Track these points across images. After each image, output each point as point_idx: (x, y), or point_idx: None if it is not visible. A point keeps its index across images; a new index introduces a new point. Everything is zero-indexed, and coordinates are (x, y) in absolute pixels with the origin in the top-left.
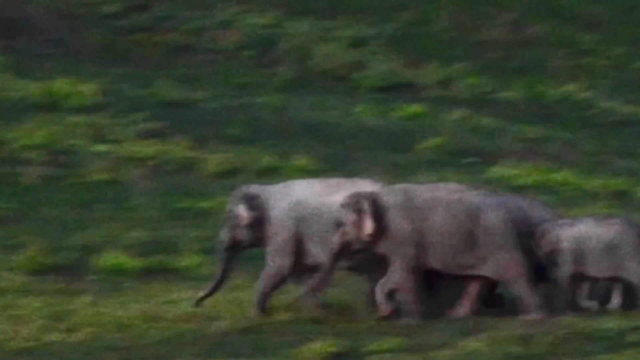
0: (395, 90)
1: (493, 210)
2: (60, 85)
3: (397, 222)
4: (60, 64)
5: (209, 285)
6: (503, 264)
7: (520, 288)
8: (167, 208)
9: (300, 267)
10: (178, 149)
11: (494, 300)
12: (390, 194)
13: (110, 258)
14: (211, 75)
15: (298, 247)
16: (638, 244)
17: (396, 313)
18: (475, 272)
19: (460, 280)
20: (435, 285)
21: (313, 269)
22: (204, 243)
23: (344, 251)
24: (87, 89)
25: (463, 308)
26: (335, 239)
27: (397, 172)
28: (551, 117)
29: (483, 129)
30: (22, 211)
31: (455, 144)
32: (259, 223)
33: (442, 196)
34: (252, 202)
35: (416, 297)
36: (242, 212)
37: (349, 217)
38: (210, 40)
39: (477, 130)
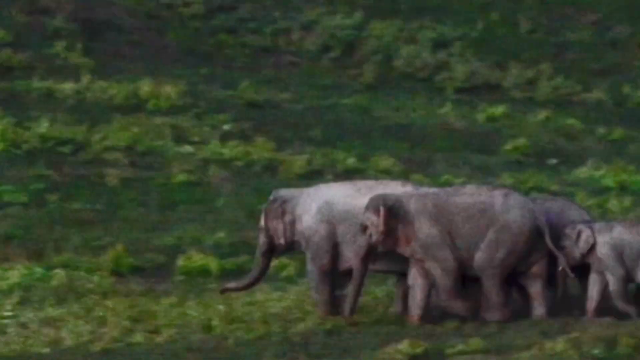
0: (478, 91)
1: (512, 211)
2: (144, 86)
3: (426, 227)
4: (144, 66)
5: (243, 280)
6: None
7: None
8: (251, 209)
9: (336, 271)
10: (261, 150)
11: None
12: (417, 199)
13: (194, 259)
14: (295, 77)
15: (333, 248)
16: None
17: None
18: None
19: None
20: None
21: (348, 272)
22: None
23: (371, 253)
24: (171, 91)
25: (541, 308)
26: (362, 242)
27: (480, 174)
28: (635, 118)
29: (566, 130)
30: (106, 213)
31: (539, 145)
32: (292, 227)
33: (464, 200)
34: (285, 207)
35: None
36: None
37: (371, 219)
38: (294, 41)
39: (561, 131)
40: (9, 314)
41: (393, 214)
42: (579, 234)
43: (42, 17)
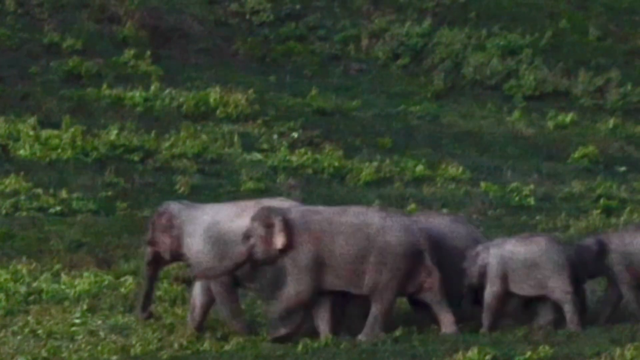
0: (547, 98)
1: (388, 232)
2: (213, 94)
3: (304, 245)
4: (213, 73)
5: (140, 297)
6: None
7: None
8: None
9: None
10: (330, 158)
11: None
12: (303, 214)
13: None
14: (363, 85)
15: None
16: (562, 262)
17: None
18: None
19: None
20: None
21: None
22: None
23: (248, 262)
24: (240, 98)
25: (450, 326)
26: (242, 250)
27: (549, 181)
28: None
29: (636, 138)
30: None
31: (608, 152)
32: (179, 241)
33: (347, 220)
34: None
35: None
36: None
37: (258, 230)
38: (362, 49)
39: (630, 139)
40: (78, 321)
41: (276, 228)
42: (476, 255)
43: (112, 25)
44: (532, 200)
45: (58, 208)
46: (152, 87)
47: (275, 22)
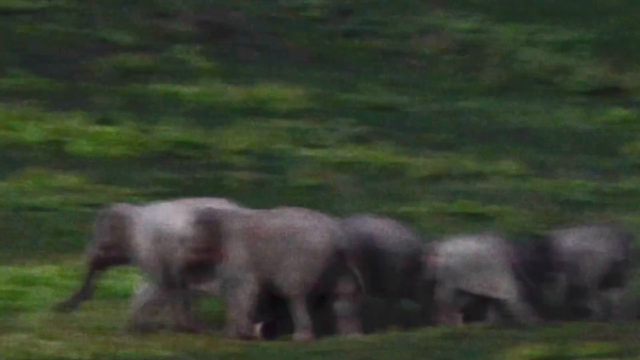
0: (600, 94)
1: (313, 233)
2: (265, 90)
3: (237, 248)
4: (265, 69)
5: (74, 293)
6: (291, 281)
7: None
8: (372, 213)
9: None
10: (383, 153)
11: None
12: (235, 218)
13: None
14: (415, 80)
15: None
16: (508, 262)
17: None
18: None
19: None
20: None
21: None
22: None
23: (188, 266)
24: (292, 94)
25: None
26: (181, 254)
27: (601, 177)
28: None
29: None
30: None
31: None
32: (123, 242)
33: (274, 222)
34: (117, 222)
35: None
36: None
37: (194, 233)
38: (415, 44)
39: None
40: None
41: (211, 229)
42: (431, 251)
43: (164, 21)
44: (583, 196)
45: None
46: (205, 83)
47: (328, 18)
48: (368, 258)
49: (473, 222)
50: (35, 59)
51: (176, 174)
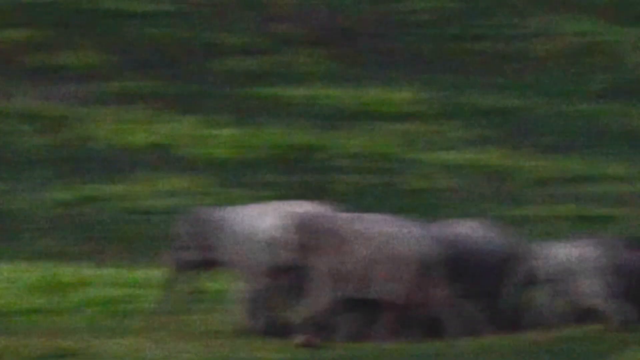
0: None
1: (404, 240)
2: (377, 93)
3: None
4: (376, 72)
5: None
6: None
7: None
8: (483, 216)
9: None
10: (493, 156)
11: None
12: (325, 219)
13: None
14: (527, 83)
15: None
16: (606, 266)
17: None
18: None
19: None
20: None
21: None
22: None
23: (280, 269)
24: (403, 98)
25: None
26: (269, 257)
27: None
28: None
29: None
30: None
31: None
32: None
33: (362, 227)
34: (201, 226)
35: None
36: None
37: (283, 235)
38: (526, 48)
39: None
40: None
41: (306, 232)
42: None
43: (274, 24)
44: None
45: None
46: (316, 86)
47: (439, 22)
48: (459, 262)
49: (583, 225)
50: (145, 62)
51: (286, 176)
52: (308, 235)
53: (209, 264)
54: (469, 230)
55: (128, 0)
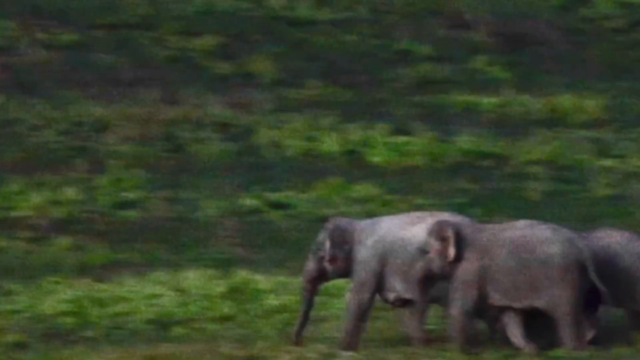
0: None
1: (551, 245)
2: (565, 100)
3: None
4: (565, 79)
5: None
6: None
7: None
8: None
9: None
10: None
11: None
12: (470, 229)
13: None
14: None
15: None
16: None
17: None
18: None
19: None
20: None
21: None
22: None
23: (429, 279)
24: (592, 104)
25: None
26: (420, 267)
27: None
28: None
29: None
30: None
31: None
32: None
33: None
34: (339, 236)
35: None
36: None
37: (433, 244)
38: None
39: None
40: None
41: (460, 240)
42: None
43: (465, 32)
44: None
45: None
46: (504, 94)
47: (629, 28)
48: (606, 270)
49: None
50: (334, 70)
51: (474, 184)
52: (460, 245)
53: (343, 275)
54: (620, 239)
55: (318, 8)
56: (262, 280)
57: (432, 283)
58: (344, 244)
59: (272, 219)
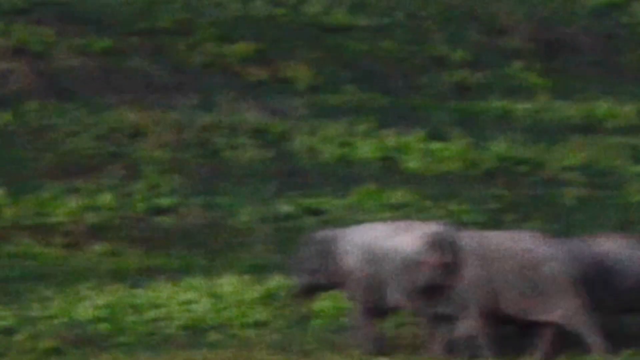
0: None
1: (555, 260)
2: (601, 106)
3: (472, 268)
4: (601, 85)
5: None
6: (569, 311)
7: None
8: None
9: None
10: None
11: None
12: (467, 238)
13: None
14: None
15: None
16: None
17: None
18: (542, 317)
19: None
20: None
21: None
22: None
23: (427, 288)
24: (627, 110)
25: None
26: (417, 277)
27: None
28: None
29: None
30: (562, 233)
31: None
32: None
33: (511, 245)
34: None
35: (490, 342)
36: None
37: (428, 254)
38: None
39: None
40: None
41: (452, 250)
42: None
43: (501, 37)
44: None
45: (447, 220)
46: (540, 99)
47: None
48: (597, 277)
49: None
50: (369, 76)
51: (508, 190)
52: (451, 255)
53: (329, 287)
54: (614, 246)
55: (354, 14)
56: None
57: (431, 292)
58: (328, 255)
59: (307, 225)
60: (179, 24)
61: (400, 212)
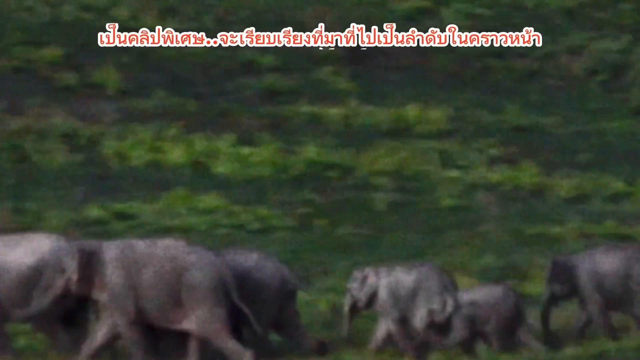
0: None
1: (198, 269)
2: (411, 111)
3: (114, 276)
4: (410, 90)
5: None
6: (203, 320)
7: (222, 342)
8: (518, 234)
9: None
10: (527, 174)
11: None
12: (109, 247)
13: (461, 283)
14: (561, 101)
15: None
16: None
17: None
18: (181, 326)
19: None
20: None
21: None
22: None
23: (64, 297)
24: (437, 115)
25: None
26: (58, 284)
27: None
28: None
29: None
30: (372, 237)
31: None
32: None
33: (156, 253)
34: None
35: (140, 348)
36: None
37: (70, 265)
38: (560, 65)
39: None
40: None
41: (89, 260)
42: (364, 278)
43: (309, 42)
44: None
45: (256, 225)
46: (350, 104)
47: (472, 39)
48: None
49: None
50: (180, 81)
51: (319, 195)
52: (90, 266)
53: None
54: (248, 260)
55: (164, 18)
56: None
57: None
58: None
59: (117, 230)
60: None
61: (212, 217)
